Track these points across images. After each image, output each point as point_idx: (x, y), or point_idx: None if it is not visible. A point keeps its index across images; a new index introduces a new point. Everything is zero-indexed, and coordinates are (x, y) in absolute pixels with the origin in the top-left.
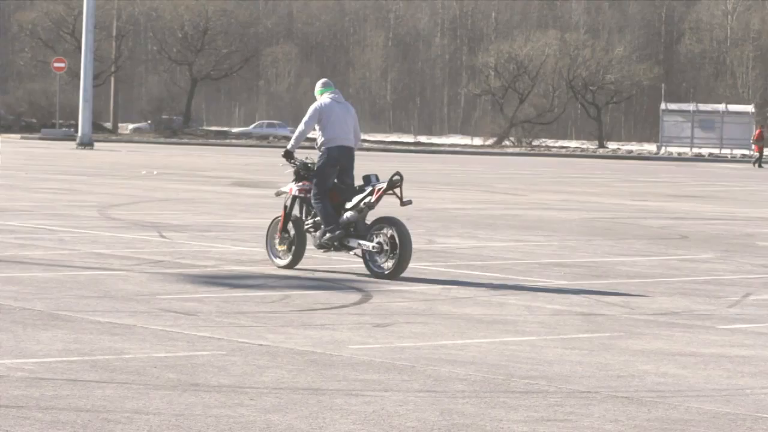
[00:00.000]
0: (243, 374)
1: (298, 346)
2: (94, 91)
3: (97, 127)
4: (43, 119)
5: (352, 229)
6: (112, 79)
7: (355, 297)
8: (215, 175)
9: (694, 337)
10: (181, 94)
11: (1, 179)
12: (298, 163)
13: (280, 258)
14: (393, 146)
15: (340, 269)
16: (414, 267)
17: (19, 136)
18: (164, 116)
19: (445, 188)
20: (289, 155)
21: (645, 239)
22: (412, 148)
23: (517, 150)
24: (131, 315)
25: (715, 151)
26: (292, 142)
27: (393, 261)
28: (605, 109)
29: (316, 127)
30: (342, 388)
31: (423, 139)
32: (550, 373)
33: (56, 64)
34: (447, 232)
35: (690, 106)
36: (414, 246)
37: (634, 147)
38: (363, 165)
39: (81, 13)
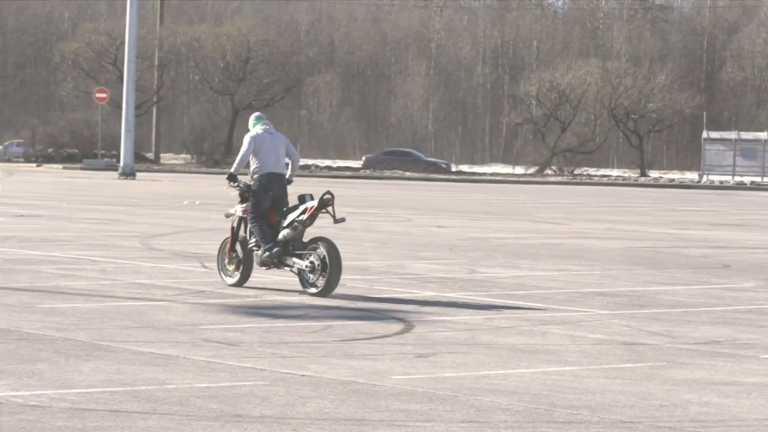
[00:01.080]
0: (285, 405)
1: (341, 376)
2: (136, 121)
3: (138, 157)
4: (84, 149)
5: (290, 248)
6: (154, 109)
7: (397, 327)
8: None
9: (736, 366)
10: (222, 123)
11: (43, 210)
12: (242, 186)
13: (230, 277)
14: (434, 176)
15: (382, 299)
16: (456, 297)
17: (61, 166)
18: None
19: (487, 217)
20: (232, 178)
21: (687, 268)
22: (453, 177)
23: (558, 179)
24: (173, 345)
25: (757, 179)
26: (234, 165)
27: (323, 280)
28: (647, 138)
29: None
30: (385, 418)
31: (464, 168)
32: (592, 403)
33: (98, 95)
34: (489, 261)
35: (732, 135)
36: (456, 275)
37: (676, 175)
38: (401, 193)
39: (123, 43)
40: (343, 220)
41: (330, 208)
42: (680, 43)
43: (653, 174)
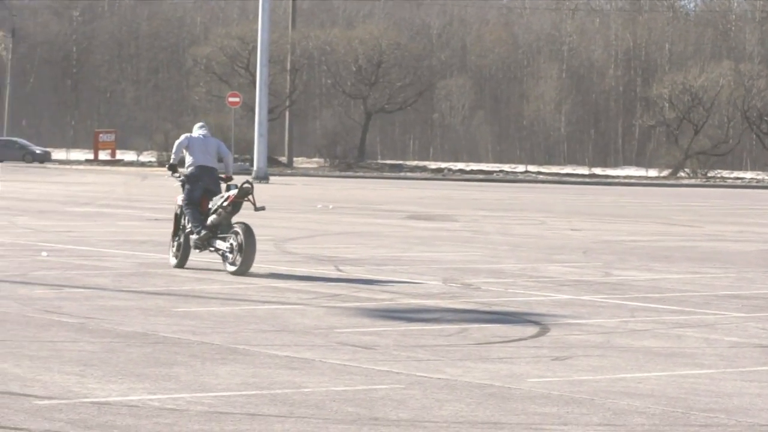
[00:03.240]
0: (422, 408)
1: (477, 379)
2: (269, 125)
3: (272, 161)
4: None
5: (218, 232)
6: (287, 113)
7: (532, 330)
8: (390, 208)
9: None
10: (355, 127)
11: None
12: (182, 178)
13: (174, 258)
14: (567, 178)
15: (517, 302)
16: (591, 300)
17: None
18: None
19: (621, 220)
20: (172, 168)
21: None
22: (587, 180)
23: (692, 181)
24: (309, 349)
25: None
26: (172, 156)
27: (240, 259)
28: None
29: (186, 153)
30: (521, 422)
31: (598, 171)
32: (729, 407)
33: (231, 99)
34: (623, 264)
35: None
36: (591, 278)
37: None
38: (534, 196)
39: (255, 47)
40: (263, 208)
41: (251, 197)
42: None
43: None
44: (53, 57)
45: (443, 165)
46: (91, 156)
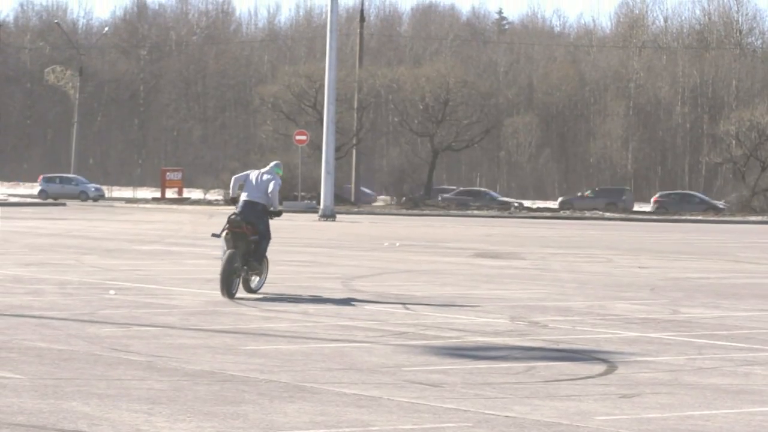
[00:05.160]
0: None
1: (545, 417)
2: (336, 163)
3: (339, 198)
4: (284, 191)
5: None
6: (354, 150)
7: (600, 368)
8: (456, 246)
9: None
10: (422, 165)
11: None
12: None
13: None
14: (635, 216)
15: (584, 339)
16: (658, 337)
17: None
18: (407, 186)
19: (688, 257)
20: (233, 201)
21: None
22: (654, 217)
23: (760, 218)
24: (377, 387)
25: None
26: (230, 191)
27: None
28: None
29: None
30: None
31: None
32: None
33: (298, 137)
34: (691, 301)
35: None
36: (658, 316)
37: None
38: (601, 234)
39: (322, 85)
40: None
41: (244, 226)
42: None
43: None
44: (120, 96)
45: (514, 201)
46: (158, 194)
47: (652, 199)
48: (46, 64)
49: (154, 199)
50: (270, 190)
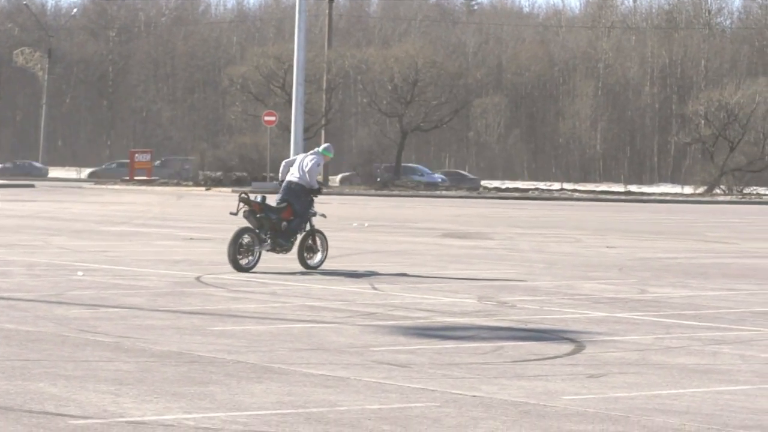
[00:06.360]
0: (457, 426)
1: (512, 397)
2: (304, 144)
3: None
4: (253, 172)
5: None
6: (323, 131)
7: (567, 348)
8: (425, 226)
9: None
10: (390, 146)
11: (213, 233)
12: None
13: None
14: (603, 196)
15: (552, 319)
16: (626, 317)
17: (230, 189)
18: (379, 164)
19: (656, 237)
20: (281, 184)
21: None
22: (622, 197)
23: (728, 198)
24: (344, 367)
25: None
26: (279, 175)
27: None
28: None
29: None
30: None
31: (633, 188)
32: (765, 423)
33: (267, 118)
34: (659, 281)
35: None
36: (626, 295)
37: None
38: (570, 214)
39: (291, 66)
40: (234, 214)
41: (254, 204)
42: None
43: None
44: (89, 77)
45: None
46: (126, 176)
47: None
48: (14, 46)
49: (123, 181)
50: (307, 168)
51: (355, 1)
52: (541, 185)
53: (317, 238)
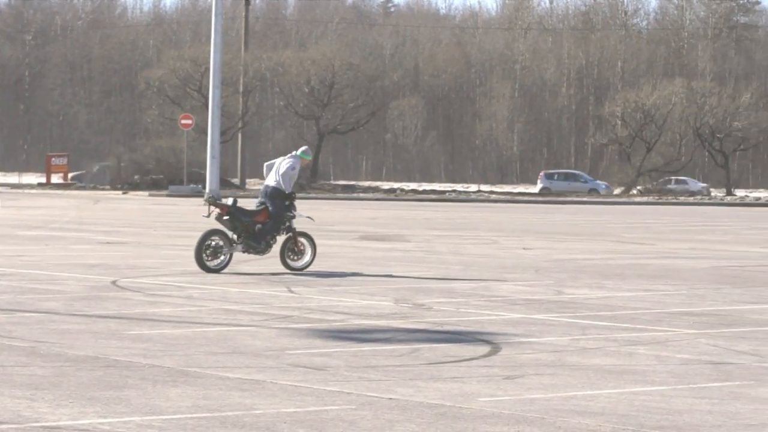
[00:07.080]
0: (373, 428)
1: (428, 399)
2: (221, 147)
3: (224, 182)
4: (170, 176)
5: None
6: (239, 134)
7: (483, 349)
8: (342, 229)
9: None
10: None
11: (129, 237)
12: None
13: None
14: (520, 197)
15: (468, 321)
16: (542, 318)
17: (146, 193)
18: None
19: (573, 239)
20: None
21: None
22: (539, 198)
23: (644, 199)
24: (260, 370)
25: None
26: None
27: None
28: (732, 157)
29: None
30: None
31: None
32: (680, 423)
33: (183, 121)
34: (575, 282)
35: None
36: (543, 297)
37: (762, 194)
38: (487, 216)
39: (208, 69)
40: (206, 216)
41: (221, 207)
42: (765, 62)
43: (739, 193)
44: (5, 81)
45: (396, 185)
46: (43, 180)
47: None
48: None
49: (40, 185)
50: (281, 171)
51: (272, 3)
52: (459, 187)
53: (301, 241)
